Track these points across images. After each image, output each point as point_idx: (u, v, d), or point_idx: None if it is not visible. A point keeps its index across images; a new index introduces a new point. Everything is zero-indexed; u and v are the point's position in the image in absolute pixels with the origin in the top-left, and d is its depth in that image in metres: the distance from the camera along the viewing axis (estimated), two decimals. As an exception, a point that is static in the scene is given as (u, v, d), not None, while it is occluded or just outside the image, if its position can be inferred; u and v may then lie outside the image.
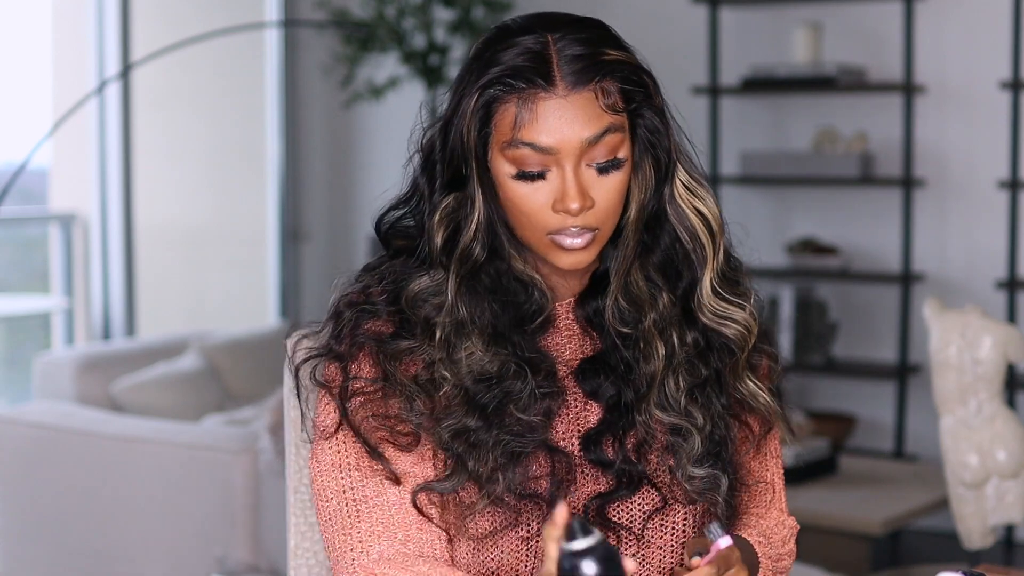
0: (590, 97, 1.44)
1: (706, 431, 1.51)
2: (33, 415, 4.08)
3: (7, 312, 5.53)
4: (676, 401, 1.51)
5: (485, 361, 1.48)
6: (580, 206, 1.44)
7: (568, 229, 1.46)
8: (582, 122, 1.43)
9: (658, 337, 1.51)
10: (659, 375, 1.51)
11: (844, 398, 5.41)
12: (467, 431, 1.47)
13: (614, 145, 1.46)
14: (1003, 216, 5.05)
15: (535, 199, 1.45)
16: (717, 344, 1.54)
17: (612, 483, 1.51)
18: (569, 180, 1.44)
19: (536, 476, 1.49)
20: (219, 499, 3.66)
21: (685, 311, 1.53)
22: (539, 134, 1.43)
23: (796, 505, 4.02)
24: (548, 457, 1.49)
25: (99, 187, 5.44)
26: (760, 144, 5.50)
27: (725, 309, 1.53)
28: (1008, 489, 3.19)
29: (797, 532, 1.68)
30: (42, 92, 5.47)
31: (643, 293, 1.52)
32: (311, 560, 1.73)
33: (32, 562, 4.02)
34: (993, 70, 5.02)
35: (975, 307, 3.21)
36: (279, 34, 6.10)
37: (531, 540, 1.50)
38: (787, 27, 5.38)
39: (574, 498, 1.51)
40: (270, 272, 6.22)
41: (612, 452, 1.51)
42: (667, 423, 1.51)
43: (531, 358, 1.50)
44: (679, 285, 1.53)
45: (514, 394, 1.48)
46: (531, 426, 1.48)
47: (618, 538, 1.52)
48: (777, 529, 1.65)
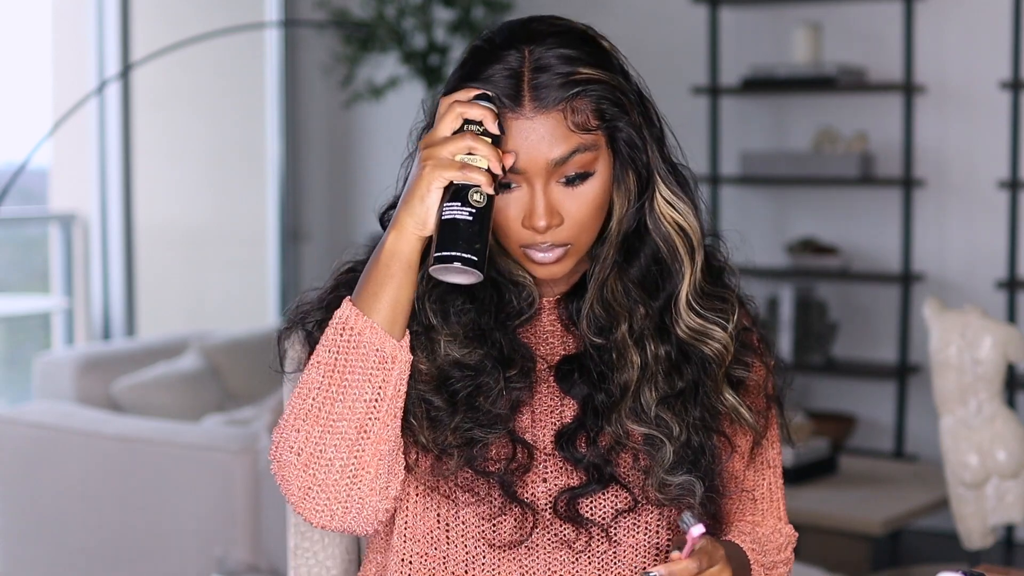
0: (558, 118, 1.45)
1: (681, 440, 1.52)
2: (33, 415, 4.08)
3: (7, 312, 5.53)
4: (649, 411, 1.52)
5: (464, 353, 1.51)
6: (547, 224, 1.46)
7: (538, 244, 1.48)
8: (548, 143, 1.45)
9: (633, 348, 1.52)
10: (633, 384, 1.52)
11: (844, 398, 5.41)
12: (430, 404, 1.49)
13: (584, 163, 1.47)
14: (1003, 216, 5.05)
15: (506, 214, 1.48)
16: (695, 356, 1.54)
17: (583, 478, 1.52)
18: (537, 198, 1.46)
19: (495, 458, 1.51)
20: (219, 499, 3.66)
21: (661, 324, 1.54)
22: (506, 155, 1.45)
23: (796, 505, 4.01)
24: (511, 444, 1.51)
25: (99, 187, 5.44)
26: (760, 144, 5.51)
27: (703, 326, 1.54)
28: (1008, 489, 3.19)
29: (796, 540, 1.69)
30: (42, 92, 5.47)
31: (619, 303, 1.53)
32: (311, 560, 1.73)
33: (32, 562, 4.02)
34: (993, 70, 5.02)
35: (975, 307, 3.21)
36: (279, 34, 6.10)
37: (487, 521, 1.52)
38: (787, 27, 5.38)
39: (543, 490, 1.52)
40: (270, 272, 6.22)
41: (585, 449, 1.52)
42: (639, 433, 1.52)
43: (509, 354, 1.52)
44: (658, 297, 1.54)
45: (484, 388, 1.50)
46: (496, 418, 1.50)
47: (589, 534, 1.52)
48: (773, 537, 1.65)
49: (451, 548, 1.53)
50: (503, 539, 1.52)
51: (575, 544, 1.52)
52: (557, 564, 1.52)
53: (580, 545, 1.52)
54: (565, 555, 1.52)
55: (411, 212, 1.44)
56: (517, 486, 1.51)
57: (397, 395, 1.46)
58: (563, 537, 1.52)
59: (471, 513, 1.52)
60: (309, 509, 1.47)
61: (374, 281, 1.45)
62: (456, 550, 1.53)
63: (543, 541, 1.52)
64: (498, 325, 1.53)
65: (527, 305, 1.55)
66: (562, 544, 1.52)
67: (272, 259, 6.22)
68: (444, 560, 1.53)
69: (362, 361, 1.44)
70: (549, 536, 1.52)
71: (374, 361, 1.44)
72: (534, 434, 1.53)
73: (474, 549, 1.52)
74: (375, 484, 1.47)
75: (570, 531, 1.52)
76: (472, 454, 1.50)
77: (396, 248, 1.45)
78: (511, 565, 1.52)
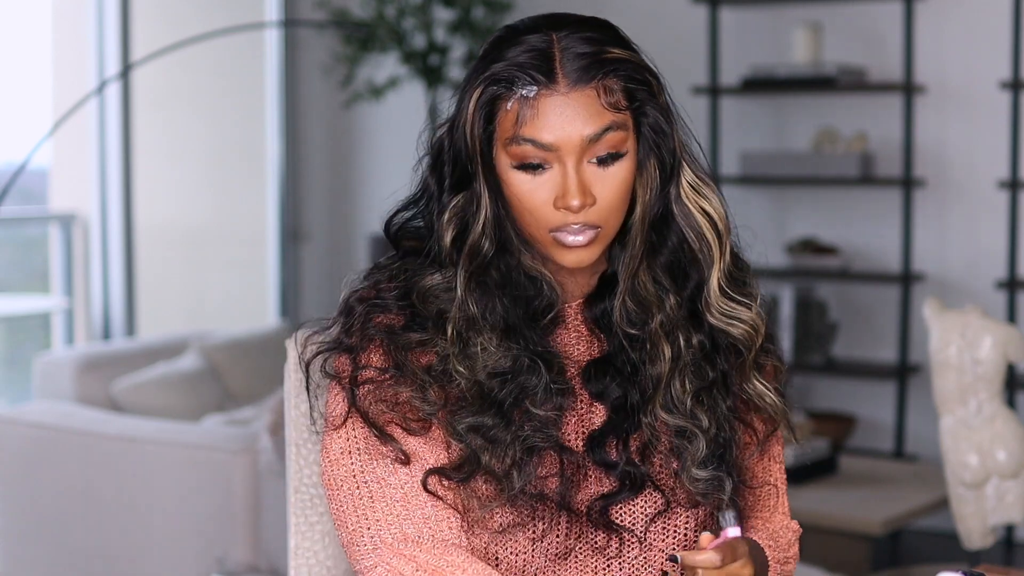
0: (592, 95, 1.44)
1: (711, 433, 1.51)
2: (33, 415, 4.08)
3: (7, 312, 5.53)
4: (682, 403, 1.51)
5: (499, 356, 1.48)
6: (581, 203, 1.44)
7: (570, 226, 1.46)
8: (583, 119, 1.44)
9: (664, 339, 1.51)
10: (665, 377, 1.50)
11: (844, 398, 5.41)
12: (484, 427, 1.47)
13: (616, 143, 1.46)
14: (1003, 216, 5.05)
15: (537, 196, 1.46)
16: (724, 345, 1.53)
17: (615, 484, 1.51)
18: (570, 177, 1.45)
19: (544, 476, 1.49)
20: (219, 499, 3.66)
21: (692, 312, 1.53)
22: (540, 131, 1.44)
23: (796, 505, 4.00)
24: (558, 456, 1.49)
25: (99, 187, 5.44)
26: (760, 144, 5.50)
27: (732, 309, 1.52)
28: (1008, 489, 3.19)
29: (800, 535, 1.69)
30: (42, 92, 5.47)
31: (650, 294, 1.51)
32: (311, 560, 1.73)
33: (32, 562, 4.02)
34: (993, 70, 5.02)
35: (975, 307, 3.21)
36: (279, 34, 6.10)
37: (537, 541, 1.50)
38: (787, 27, 5.38)
39: (578, 499, 1.51)
40: (270, 272, 6.22)
41: (616, 454, 1.51)
42: (672, 425, 1.51)
43: (543, 353, 1.50)
44: (687, 286, 1.53)
45: (529, 389, 1.48)
46: (545, 422, 1.48)
47: (620, 540, 1.52)
48: (783, 532, 1.65)
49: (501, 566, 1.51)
50: (551, 552, 1.51)
51: (607, 550, 1.51)
52: (590, 571, 1.52)
53: (612, 551, 1.51)
54: (598, 562, 1.52)
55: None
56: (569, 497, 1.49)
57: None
58: (595, 544, 1.51)
59: (521, 537, 1.50)
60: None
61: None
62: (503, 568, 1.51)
63: (577, 549, 1.51)
64: (527, 324, 1.51)
65: (549, 305, 1.53)
66: (595, 551, 1.51)
67: (272, 259, 6.21)
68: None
69: None
70: (583, 544, 1.51)
71: None
72: (575, 443, 1.52)
73: (521, 562, 1.51)
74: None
75: (602, 537, 1.51)
76: (530, 472, 1.47)
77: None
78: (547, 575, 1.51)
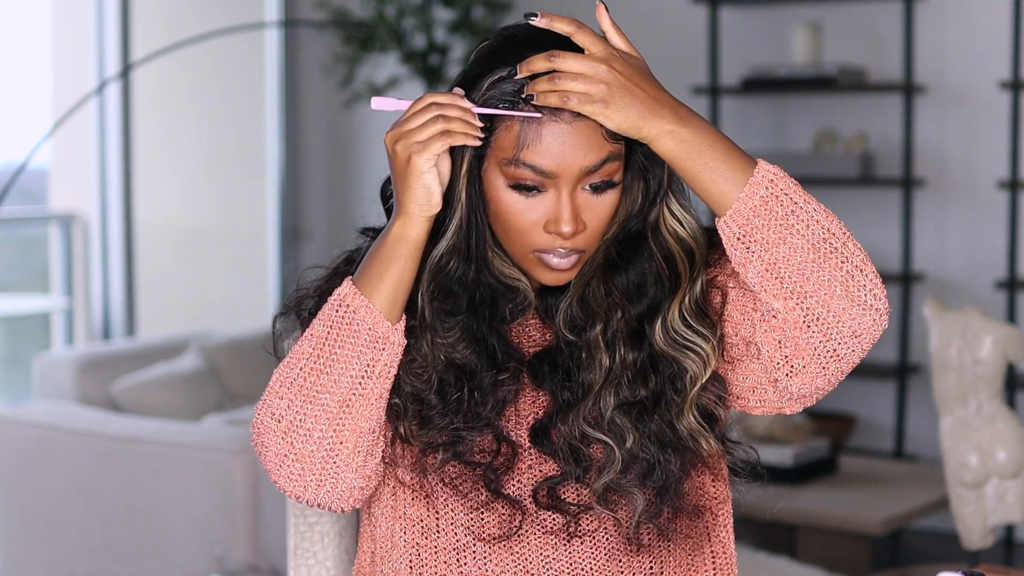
0: (594, 125, 1.45)
1: (631, 450, 1.51)
2: (33, 415, 4.08)
3: (7, 312, 5.53)
4: (604, 416, 1.51)
5: (460, 355, 1.51)
6: (572, 230, 1.47)
7: (557, 250, 1.49)
8: (584, 149, 1.45)
9: (604, 349, 1.52)
10: (597, 386, 1.51)
11: (844, 398, 5.41)
12: (422, 403, 1.51)
13: (611, 172, 1.48)
14: (1003, 216, 5.05)
15: (527, 216, 1.48)
16: (667, 373, 1.52)
17: (559, 469, 1.53)
18: (564, 204, 1.46)
19: (479, 452, 1.52)
20: (219, 499, 3.66)
21: (639, 330, 1.53)
22: (541, 157, 1.45)
23: (796, 505, 4.02)
24: (495, 442, 1.52)
25: (99, 187, 5.44)
26: (760, 144, 5.50)
27: (688, 338, 1.51)
28: (1008, 489, 3.19)
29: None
30: (42, 92, 5.47)
31: (598, 304, 1.52)
32: (311, 560, 1.73)
33: (32, 562, 4.02)
34: (993, 70, 5.03)
35: (975, 307, 3.21)
36: (279, 34, 6.10)
37: (478, 511, 1.52)
38: (787, 27, 5.38)
39: (525, 482, 1.52)
40: (270, 272, 6.22)
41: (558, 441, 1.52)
42: (592, 438, 1.52)
43: (503, 357, 1.52)
44: (640, 303, 1.53)
45: (476, 390, 1.51)
46: (483, 418, 1.51)
47: (576, 518, 1.52)
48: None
49: (441, 538, 1.54)
50: (490, 532, 1.52)
51: (565, 529, 1.53)
52: (550, 548, 1.53)
53: (570, 528, 1.53)
54: (557, 540, 1.53)
55: (414, 197, 1.44)
56: (501, 482, 1.52)
57: (385, 376, 1.47)
58: (550, 525, 1.53)
59: (458, 506, 1.53)
60: (283, 477, 1.49)
61: (378, 262, 1.47)
62: (446, 540, 1.53)
63: (532, 529, 1.53)
64: (491, 330, 1.53)
65: (520, 311, 1.55)
66: (550, 532, 1.53)
67: (272, 259, 6.21)
68: (435, 550, 1.54)
69: (354, 337, 1.46)
70: (537, 525, 1.53)
71: (366, 339, 1.46)
72: (516, 431, 1.54)
73: (464, 538, 1.53)
74: (351, 461, 1.48)
75: (557, 518, 1.53)
76: (457, 450, 1.51)
77: (403, 232, 1.46)
78: (503, 554, 1.53)
